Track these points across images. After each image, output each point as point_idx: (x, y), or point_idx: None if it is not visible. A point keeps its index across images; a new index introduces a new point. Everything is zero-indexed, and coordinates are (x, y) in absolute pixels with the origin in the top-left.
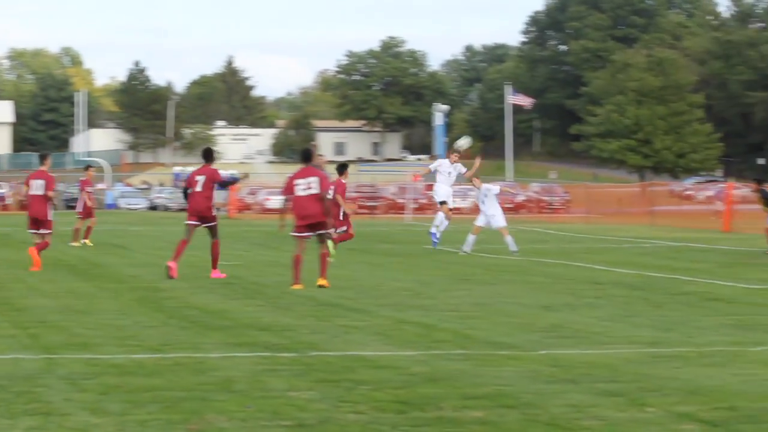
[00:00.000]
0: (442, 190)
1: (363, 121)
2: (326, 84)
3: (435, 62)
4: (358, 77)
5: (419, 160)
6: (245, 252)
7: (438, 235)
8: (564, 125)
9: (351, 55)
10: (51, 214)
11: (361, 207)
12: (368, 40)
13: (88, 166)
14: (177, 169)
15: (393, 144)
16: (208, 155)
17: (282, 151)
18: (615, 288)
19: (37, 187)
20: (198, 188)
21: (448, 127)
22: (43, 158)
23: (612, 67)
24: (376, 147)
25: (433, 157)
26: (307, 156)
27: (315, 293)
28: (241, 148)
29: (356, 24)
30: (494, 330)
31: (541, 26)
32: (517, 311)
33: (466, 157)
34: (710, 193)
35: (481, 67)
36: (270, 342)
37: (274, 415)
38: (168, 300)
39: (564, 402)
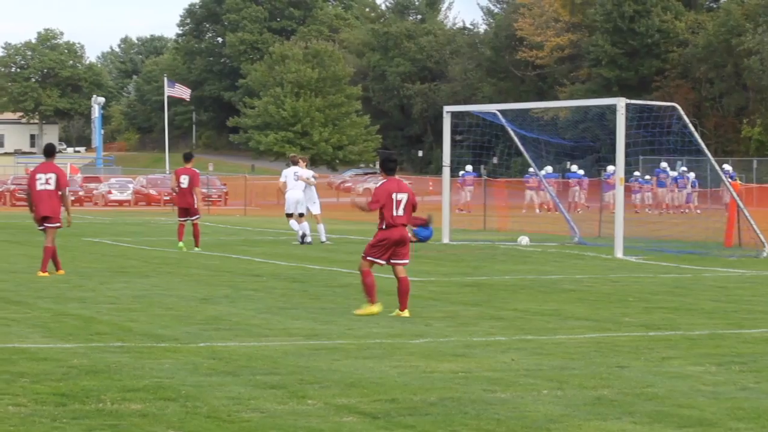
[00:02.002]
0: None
1: (20, 113)
2: None
3: (92, 54)
4: (15, 69)
5: (77, 152)
6: None
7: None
8: (222, 117)
9: (8, 47)
10: None
11: (18, 199)
12: (25, 33)
13: None
14: None
15: (51, 136)
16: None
17: None
18: (274, 280)
19: None
20: None
21: (106, 119)
22: None
23: (269, 59)
24: (34, 139)
25: (91, 150)
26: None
27: None
28: None
29: (12, 16)
30: (153, 322)
31: (197, 18)
32: (175, 303)
33: None
34: (369, 185)
35: (138, 59)
36: None
37: None
38: None
39: (224, 394)
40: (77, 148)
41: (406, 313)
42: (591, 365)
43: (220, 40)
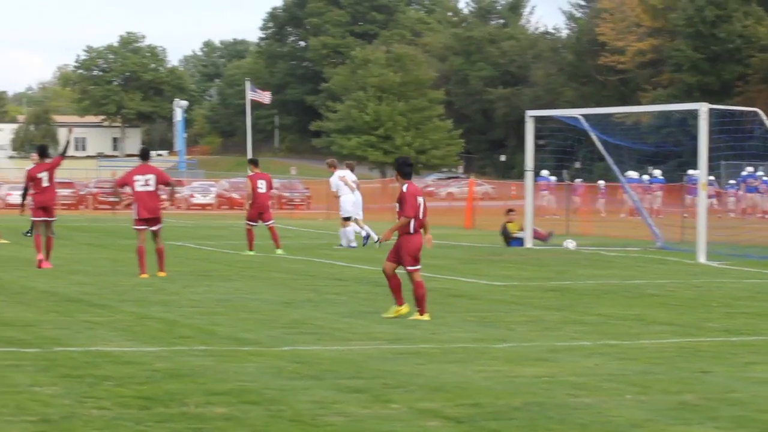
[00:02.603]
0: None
1: (103, 117)
2: (66, 79)
3: (174, 58)
4: (97, 72)
5: (159, 155)
6: None
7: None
8: (304, 121)
9: (90, 50)
10: None
11: (101, 203)
12: (107, 36)
13: None
14: None
15: (133, 139)
16: None
17: (22, 146)
18: (357, 284)
19: None
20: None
21: (188, 122)
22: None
23: (352, 63)
24: (116, 142)
25: (174, 153)
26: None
27: (57, 289)
28: None
29: (95, 19)
30: (236, 326)
31: (280, 22)
32: (259, 307)
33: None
34: (452, 189)
35: (220, 62)
36: (13, 337)
37: (19, 410)
38: None
39: (308, 398)
40: (159, 152)
41: (426, 317)
42: (674, 370)
43: (302, 43)
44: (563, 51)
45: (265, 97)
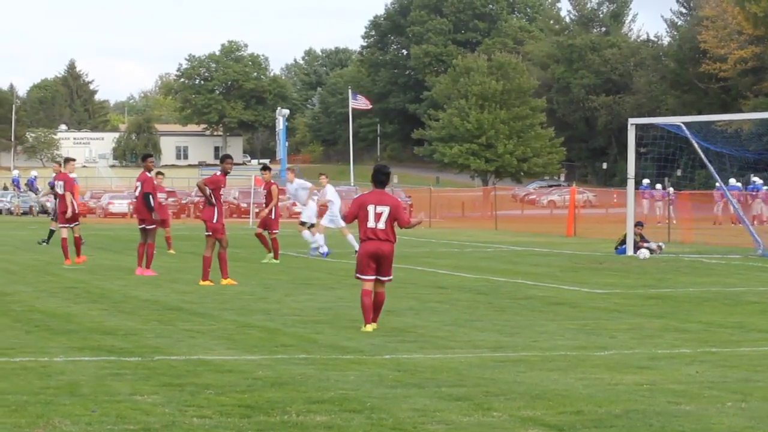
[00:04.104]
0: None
1: (205, 125)
2: (168, 88)
3: (276, 66)
4: (199, 81)
5: (261, 164)
6: (89, 256)
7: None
8: (406, 130)
9: (192, 59)
10: None
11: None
12: (209, 45)
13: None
14: (15, 172)
15: (235, 148)
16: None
17: (124, 155)
18: (458, 292)
19: None
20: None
21: (290, 131)
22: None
23: (453, 71)
24: (218, 151)
25: (276, 162)
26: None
27: (158, 298)
28: (83, 151)
29: (197, 28)
30: (338, 334)
31: (382, 30)
32: (360, 316)
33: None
34: (554, 197)
35: (322, 71)
36: (114, 346)
37: (119, 419)
38: (13, 304)
39: (409, 406)
40: (262, 160)
41: (369, 328)
42: None
43: (404, 52)
44: (665, 59)
45: (366, 104)
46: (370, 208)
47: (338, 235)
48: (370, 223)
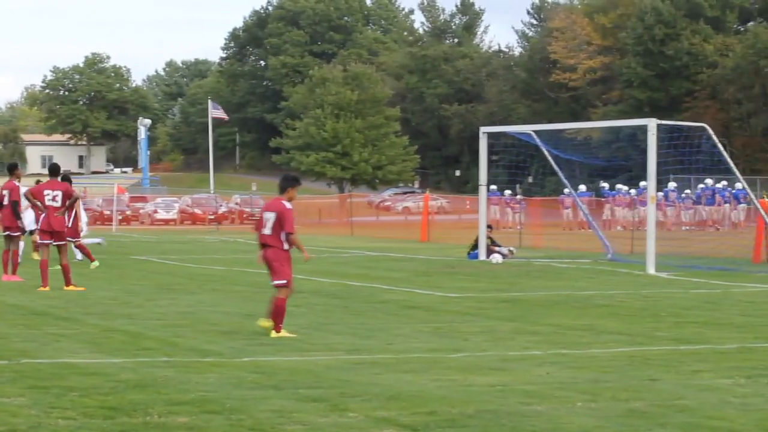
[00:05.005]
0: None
1: (69, 135)
2: (33, 99)
3: (138, 78)
4: (63, 92)
5: (124, 172)
6: None
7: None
8: (264, 138)
9: (56, 70)
10: None
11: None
12: (73, 56)
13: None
14: None
15: (99, 157)
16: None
17: None
18: (315, 297)
19: None
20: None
21: (152, 140)
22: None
23: (310, 81)
24: (82, 160)
25: (138, 170)
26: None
27: (24, 302)
28: None
29: (61, 41)
30: (199, 338)
31: (240, 42)
32: (220, 320)
33: None
34: (408, 204)
35: (182, 82)
36: None
37: None
38: None
39: (268, 407)
40: (124, 169)
41: (275, 334)
42: (624, 378)
43: (262, 63)
44: (516, 69)
45: (224, 114)
46: (263, 215)
47: None
48: (262, 230)
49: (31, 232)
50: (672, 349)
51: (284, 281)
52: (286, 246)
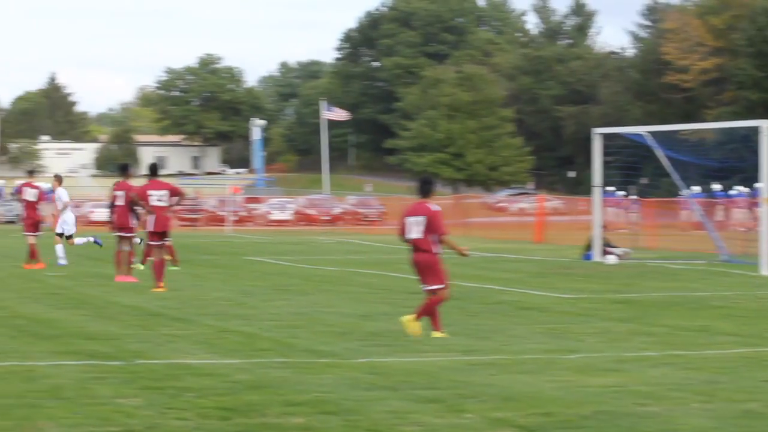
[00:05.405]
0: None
1: (183, 136)
2: (146, 100)
3: (251, 78)
4: (177, 93)
5: (238, 173)
6: (70, 263)
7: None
8: (378, 139)
9: (170, 71)
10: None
11: (182, 219)
12: (187, 57)
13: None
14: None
15: (212, 158)
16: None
17: (104, 164)
18: None
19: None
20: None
21: (265, 141)
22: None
23: (423, 82)
24: (196, 161)
25: (251, 171)
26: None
27: (139, 303)
28: (65, 162)
29: (175, 41)
30: (314, 339)
31: (354, 43)
32: (336, 320)
33: None
34: (523, 205)
35: (296, 82)
36: (97, 350)
37: (103, 421)
38: None
39: (384, 408)
40: (238, 170)
41: (437, 334)
42: (739, 379)
43: (376, 64)
44: (629, 70)
45: (343, 115)
46: (406, 219)
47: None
48: (406, 234)
49: (68, 237)
50: None
51: (442, 285)
52: (437, 249)
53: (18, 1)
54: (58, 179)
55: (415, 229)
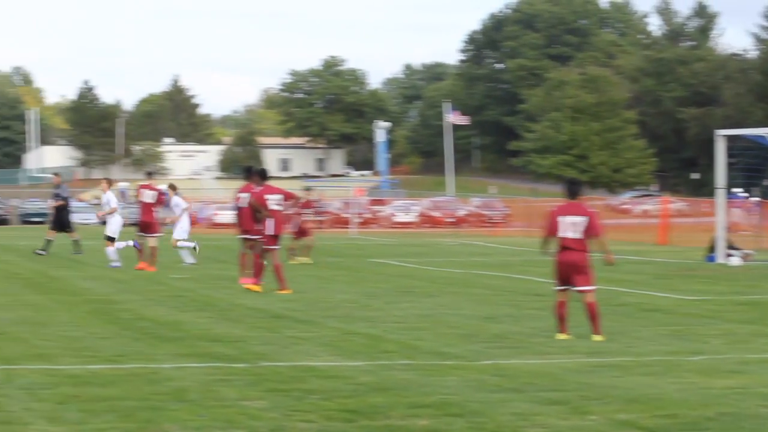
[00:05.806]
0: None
1: (307, 138)
2: (270, 102)
3: (375, 80)
4: (300, 95)
5: (362, 175)
6: (195, 265)
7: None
8: (502, 141)
9: (294, 73)
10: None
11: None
12: (311, 59)
13: (308, 188)
14: (122, 185)
15: (336, 160)
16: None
17: (228, 167)
18: (552, 299)
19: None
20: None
21: (390, 143)
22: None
23: (547, 84)
24: (320, 163)
25: (377, 173)
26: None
27: (263, 306)
28: (189, 164)
29: (299, 43)
30: (439, 341)
31: (478, 45)
32: (460, 322)
33: None
34: (647, 207)
35: (420, 85)
36: (222, 353)
37: (228, 423)
38: (122, 312)
39: (509, 410)
40: (363, 172)
41: (598, 338)
42: None
43: (500, 66)
44: (751, 72)
45: (463, 119)
46: (561, 219)
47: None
48: (562, 233)
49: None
50: None
51: (593, 287)
52: (589, 250)
53: (142, 3)
54: (173, 188)
55: (572, 228)
